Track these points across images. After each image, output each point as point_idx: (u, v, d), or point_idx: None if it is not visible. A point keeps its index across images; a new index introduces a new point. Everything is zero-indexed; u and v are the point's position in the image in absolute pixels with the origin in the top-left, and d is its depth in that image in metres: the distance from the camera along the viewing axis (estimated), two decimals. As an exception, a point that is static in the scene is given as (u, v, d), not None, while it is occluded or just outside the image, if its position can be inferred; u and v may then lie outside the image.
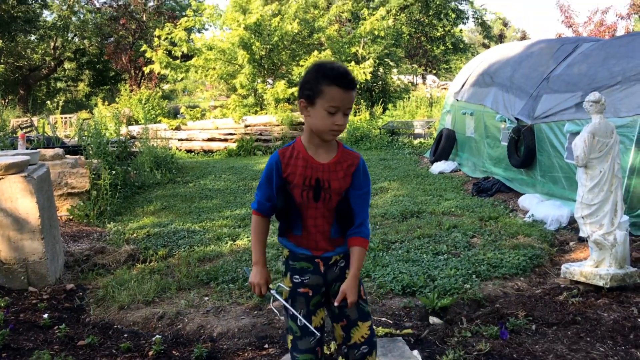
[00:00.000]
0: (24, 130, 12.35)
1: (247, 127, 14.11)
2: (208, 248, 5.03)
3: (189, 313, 3.63)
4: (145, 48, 15.91)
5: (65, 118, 18.52)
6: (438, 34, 27.14)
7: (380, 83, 20.16)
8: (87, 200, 6.36)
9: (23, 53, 27.59)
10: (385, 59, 20.05)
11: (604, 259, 3.82)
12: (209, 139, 13.99)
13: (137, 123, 16.66)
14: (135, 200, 7.46)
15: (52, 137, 9.75)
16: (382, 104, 18.04)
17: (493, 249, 4.68)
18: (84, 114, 19.64)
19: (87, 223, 6.12)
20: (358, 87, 16.02)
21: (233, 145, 13.54)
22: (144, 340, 3.31)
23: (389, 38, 19.67)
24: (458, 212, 6.11)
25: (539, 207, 5.85)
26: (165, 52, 15.97)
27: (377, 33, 17.84)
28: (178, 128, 14.47)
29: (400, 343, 3.02)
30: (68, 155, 7.30)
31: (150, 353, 3.12)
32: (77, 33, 28.21)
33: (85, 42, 28.45)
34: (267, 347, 3.16)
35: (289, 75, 16.31)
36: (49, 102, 28.08)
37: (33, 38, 27.94)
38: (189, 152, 13.71)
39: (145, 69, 17.59)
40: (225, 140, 13.89)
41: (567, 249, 4.86)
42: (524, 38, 37.74)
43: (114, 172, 7.08)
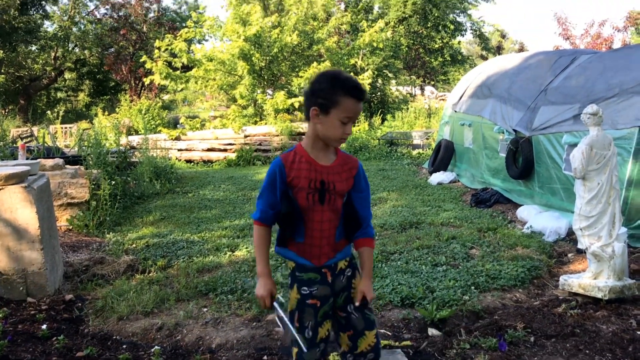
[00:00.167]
0: (24, 140, 12.37)
1: (246, 137, 14.15)
2: (207, 259, 5.03)
3: (188, 324, 3.63)
4: (145, 59, 15.98)
5: (66, 128, 18.55)
6: (436, 46, 27.32)
7: (379, 94, 20.28)
8: (86, 211, 6.37)
9: (24, 63, 27.70)
10: (384, 70, 20.18)
11: (602, 271, 3.82)
12: (209, 149, 14.02)
13: (137, 133, 16.69)
14: (135, 211, 7.47)
15: (52, 147, 9.77)
16: (380, 115, 18.12)
17: (492, 260, 4.69)
18: (84, 124, 19.68)
19: (86, 233, 6.13)
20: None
21: (232, 156, 13.58)
22: (143, 352, 3.30)
23: (388, 50, 19.81)
24: (457, 223, 6.13)
25: (538, 218, 5.86)
26: (165, 63, 16.04)
27: (375, 45, 17.97)
28: (178, 138, 14.50)
29: (400, 355, 3.02)
30: (68, 166, 7.33)
31: (149, 364, 3.12)
32: (77, 43, 28.38)
33: (86, 52, 28.60)
34: (265, 358, 3.16)
35: (289, 86, 16.40)
36: (49, 112, 28.13)
37: (34, 48, 28.06)
38: (189, 162, 13.74)
39: (146, 80, 17.66)
40: (225, 151, 13.92)
41: (565, 261, 4.87)
42: (522, 50, 37.93)
43: (114, 182, 7.10)
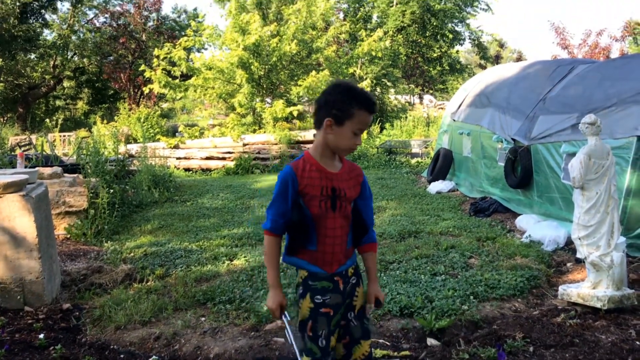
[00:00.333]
0: (23, 149, 12.37)
1: (245, 145, 14.17)
2: (205, 268, 5.01)
3: (186, 334, 3.61)
4: (144, 68, 16.01)
5: (64, 136, 18.57)
6: (435, 55, 27.45)
7: (378, 103, 20.33)
8: (84, 219, 6.35)
9: (23, 71, 27.77)
10: (383, 79, 20.28)
11: (601, 281, 3.82)
12: (207, 158, 14.03)
13: (135, 141, 16.71)
14: (133, 219, 7.45)
15: (50, 155, 9.76)
16: (379, 124, 18.17)
17: (490, 270, 4.68)
18: (83, 132, 19.68)
19: (84, 242, 6.11)
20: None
21: (231, 164, 13.58)
22: (140, 361, 3.28)
23: (386, 59, 19.91)
24: (456, 232, 6.12)
25: (536, 227, 5.85)
26: (164, 71, 16.08)
27: (374, 54, 18.05)
28: (176, 146, 14.51)
29: (398, 365, 3.00)
30: (66, 174, 7.32)
31: (147, 374, 3.09)
32: (76, 52, 28.47)
33: (85, 60, 28.69)
34: (264, 368, 3.14)
35: (287, 95, 16.45)
36: (48, 120, 28.19)
37: (33, 56, 28.15)
38: (187, 170, 13.73)
39: (145, 89, 17.70)
40: (224, 159, 13.93)
41: (564, 270, 4.86)
42: (520, 59, 38.13)
43: (112, 190, 7.09)
